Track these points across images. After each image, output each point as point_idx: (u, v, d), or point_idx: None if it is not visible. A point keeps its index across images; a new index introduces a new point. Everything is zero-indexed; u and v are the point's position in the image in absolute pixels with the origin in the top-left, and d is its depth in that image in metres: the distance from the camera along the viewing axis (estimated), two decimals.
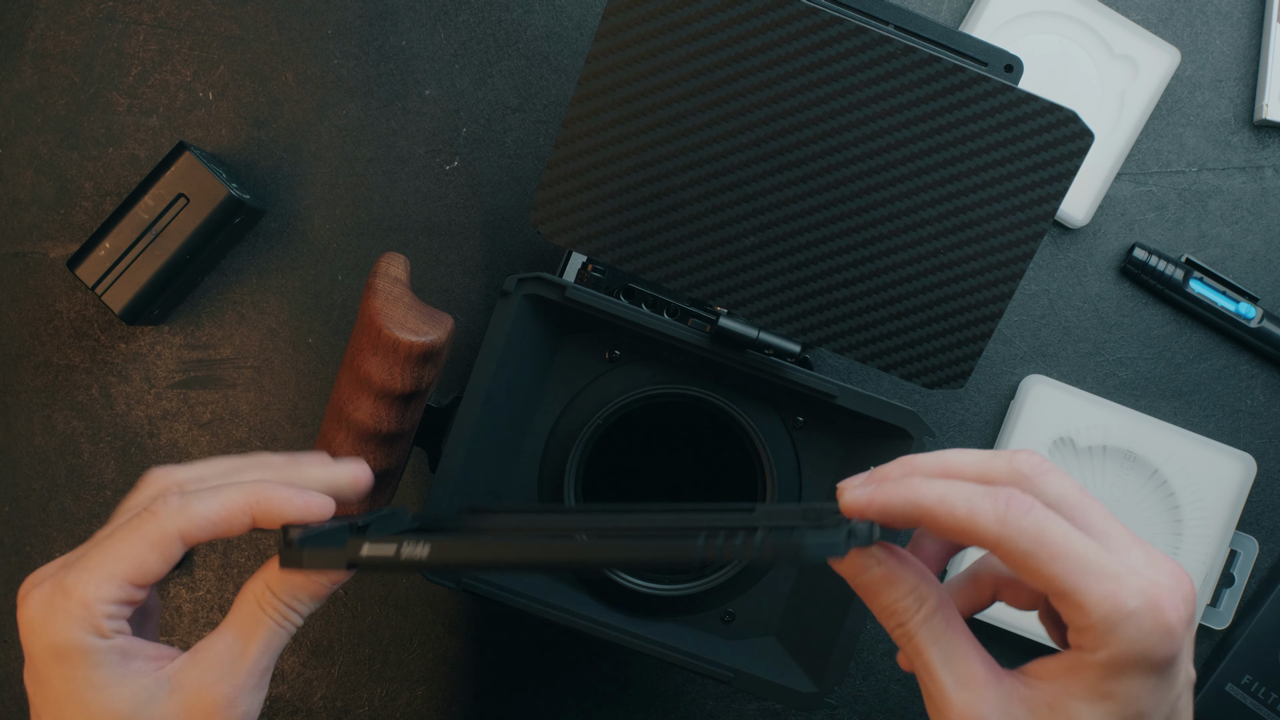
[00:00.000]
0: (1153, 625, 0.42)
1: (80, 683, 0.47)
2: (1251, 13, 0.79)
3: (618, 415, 0.60)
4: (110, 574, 0.47)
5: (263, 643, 0.48)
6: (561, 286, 0.58)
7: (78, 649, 0.47)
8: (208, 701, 0.47)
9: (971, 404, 0.78)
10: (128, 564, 0.47)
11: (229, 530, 0.48)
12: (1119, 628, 0.42)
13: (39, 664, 0.47)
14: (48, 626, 0.47)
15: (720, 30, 0.56)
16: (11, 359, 0.76)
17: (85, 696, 0.47)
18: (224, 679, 0.48)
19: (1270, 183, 0.79)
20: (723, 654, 0.59)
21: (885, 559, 0.46)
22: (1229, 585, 0.77)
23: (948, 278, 0.58)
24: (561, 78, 0.77)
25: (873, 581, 0.46)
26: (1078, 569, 0.42)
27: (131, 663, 0.47)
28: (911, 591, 0.45)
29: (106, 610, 0.47)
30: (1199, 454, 0.76)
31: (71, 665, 0.47)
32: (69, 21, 0.76)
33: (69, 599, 0.47)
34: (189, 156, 0.71)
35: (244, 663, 0.48)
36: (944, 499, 0.44)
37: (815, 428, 0.61)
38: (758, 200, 0.58)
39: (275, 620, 0.48)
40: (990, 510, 0.43)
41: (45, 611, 0.47)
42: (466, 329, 0.77)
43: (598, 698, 0.77)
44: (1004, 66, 0.60)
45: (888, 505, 0.45)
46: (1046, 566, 0.42)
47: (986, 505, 0.43)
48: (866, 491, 0.45)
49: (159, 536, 0.47)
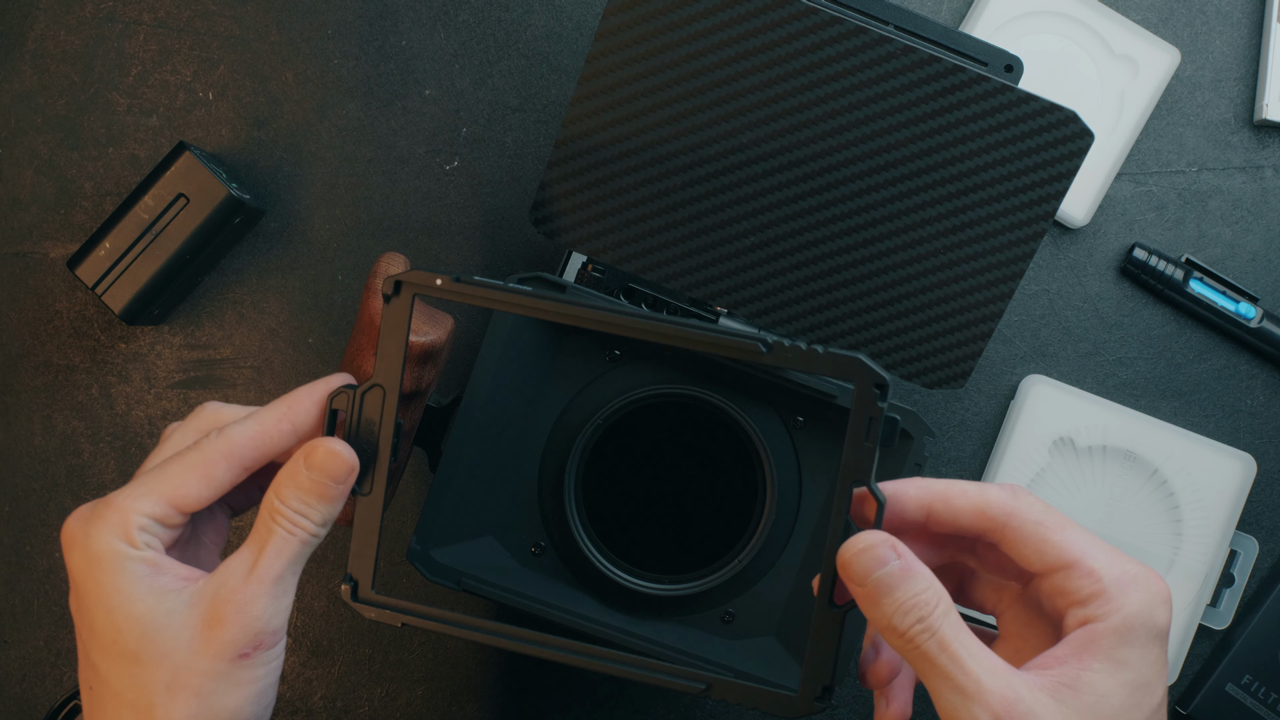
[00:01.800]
0: (1156, 590, 0.45)
1: (108, 589, 0.48)
2: (1251, 13, 0.79)
3: (618, 415, 0.60)
4: (149, 490, 0.49)
5: (273, 550, 0.49)
6: (561, 286, 0.58)
7: (109, 554, 0.48)
8: (221, 608, 0.48)
9: (971, 404, 0.78)
10: (168, 484, 0.49)
11: (270, 441, 0.50)
12: (1128, 590, 0.45)
13: (77, 575, 0.49)
14: (85, 534, 0.49)
15: (720, 30, 0.56)
16: (11, 359, 0.76)
17: (112, 603, 0.48)
18: (236, 589, 0.49)
19: (1270, 183, 0.79)
20: (722, 654, 0.59)
21: (903, 553, 0.46)
22: (1229, 585, 0.77)
23: (948, 278, 0.58)
24: (561, 78, 0.77)
25: (891, 575, 0.45)
26: (1084, 539, 0.46)
27: (160, 577, 0.49)
28: (930, 585, 0.46)
29: (140, 523, 0.49)
30: (1199, 454, 0.76)
31: (102, 571, 0.48)
32: (69, 21, 0.76)
33: (107, 508, 0.49)
34: (189, 156, 0.71)
35: (255, 572, 0.49)
36: (955, 483, 0.47)
37: (815, 428, 0.61)
38: (758, 200, 0.58)
39: (284, 528, 0.49)
40: (999, 490, 0.47)
41: (84, 521, 0.49)
42: (466, 329, 0.77)
43: (598, 698, 0.77)
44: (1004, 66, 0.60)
45: (900, 493, 0.47)
46: (1057, 534, 0.46)
47: (995, 489, 0.47)
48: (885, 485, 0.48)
49: (201, 459, 0.50)
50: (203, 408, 0.53)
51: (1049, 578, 0.47)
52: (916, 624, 0.45)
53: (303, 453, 0.50)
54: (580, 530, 0.60)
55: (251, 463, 0.51)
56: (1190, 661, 0.78)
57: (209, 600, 0.49)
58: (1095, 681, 0.44)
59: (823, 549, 0.61)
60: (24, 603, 0.76)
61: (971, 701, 0.44)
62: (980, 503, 0.47)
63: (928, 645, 0.45)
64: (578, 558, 0.61)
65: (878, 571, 0.46)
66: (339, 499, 0.51)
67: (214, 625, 0.48)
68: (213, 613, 0.48)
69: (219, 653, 0.48)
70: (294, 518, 0.50)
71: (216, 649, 0.48)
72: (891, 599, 0.45)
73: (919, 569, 0.46)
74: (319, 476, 0.50)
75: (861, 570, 0.46)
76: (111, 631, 0.48)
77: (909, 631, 0.45)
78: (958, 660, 0.45)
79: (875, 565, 0.46)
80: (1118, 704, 0.44)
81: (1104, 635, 0.45)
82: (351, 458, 0.50)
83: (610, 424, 0.60)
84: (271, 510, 0.50)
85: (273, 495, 0.50)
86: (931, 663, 0.45)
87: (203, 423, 0.52)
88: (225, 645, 0.48)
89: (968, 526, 0.48)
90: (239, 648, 0.48)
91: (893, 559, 0.46)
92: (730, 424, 0.60)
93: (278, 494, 0.50)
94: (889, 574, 0.46)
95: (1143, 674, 0.45)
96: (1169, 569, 0.76)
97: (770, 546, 0.61)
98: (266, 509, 0.50)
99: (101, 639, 0.48)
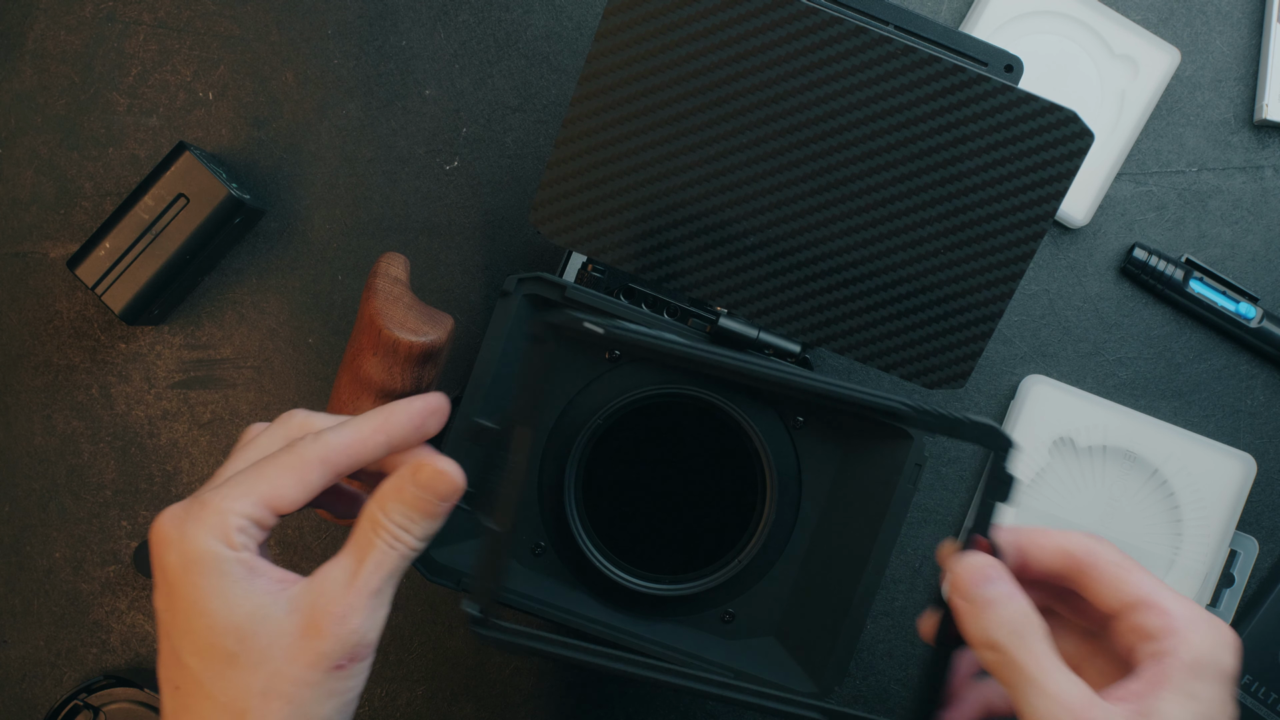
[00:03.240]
0: (1225, 634, 0.49)
1: (206, 590, 0.48)
2: (1251, 13, 0.79)
3: (618, 415, 0.60)
4: (246, 491, 0.49)
5: (373, 563, 0.49)
6: (561, 286, 0.58)
7: (207, 555, 0.48)
8: (320, 618, 0.48)
9: (971, 404, 0.78)
10: (264, 484, 0.49)
11: (365, 450, 0.50)
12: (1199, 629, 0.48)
13: (171, 574, 0.49)
14: (181, 534, 0.48)
15: (720, 30, 0.56)
16: (11, 359, 0.76)
17: (210, 605, 0.48)
18: (336, 598, 0.49)
19: (1270, 183, 0.79)
20: (722, 654, 0.59)
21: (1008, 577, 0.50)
22: (1229, 585, 0.77)
23: (948, 278, 0.58)
24: (561, 78, 0.77)
25: (995, 591, 0.49)
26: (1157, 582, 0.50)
27: (256, 579, 0.48)
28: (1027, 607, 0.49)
29: (238, 523, 0.48)
30: (1199, 454, 0.76)
31: (199, 572, 0.48)
32: (69, 21, 0.76)
33: (204, 508, 0.49)
34: (189, 156, 0.71)
35: (355, 582, 0.49)
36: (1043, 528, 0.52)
37: (815, 428, 0.61)
38: (757, 200, 0.58)
39: (385, 541, 0.50)
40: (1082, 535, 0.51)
41: (179, 521, 0.49)
42: (466, 329, 0.77)
43: (598, 698, 0.77)
44: (1004, 66, 0.60)
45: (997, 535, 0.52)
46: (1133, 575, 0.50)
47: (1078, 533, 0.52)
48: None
49: (298, 462, 0.49)
50: (291, 414, 0.53)
51: (1123, 617, 0.50)
52: (1013, 636, 0.48)
53: (410, 469, 0.50)
54: (580, 530, 0.60)
55: (344, 469, 0.51)
56: None
57: (307, 608, 0.48)
58: (1168, 712, 0.47)
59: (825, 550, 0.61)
60: (24, 603, 0.76)
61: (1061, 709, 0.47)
62: (1065, 543, 0.51)
63: (1023, 659, 0.48)
64: (578, 558, 0.61)
65: (985, 588, 0.49)
66: (442, 516, 0.51)
67: (312, 635, 0.48)
68: (311, 622, 0.48)
69: (315, 663, 0.48)
70: (396, 532, 0.50)
71: (313, 658, 0.48)
72: (993, 613, 0.49)
73: (1019, 592, 0.49)
74: (426, 494, 0.50)
75: (969, 585, 0.50)
76: (208, 633, 0.48)
77: (1005, 643, 0.48)
78: (1049, 673, 0.48)
79: (982, 582, 0.49)
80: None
81: (1176, 670, 0.47)
82: (460, 477, 0.51)
83: (610, 424, 0.60)
84: (374, 523, 0.50)
85: (376, 508, 0.50)
86: (1024, 675, 0.48)
87: (291, 429, 0.52)
88: (322, 656, 0.48)
89: (1053, 566, 0.51)
90: (335, 659, 0.48)
91: (998, 579, 0.49)
92: (730, 424, 0.60)
93: (381, 507, 0.50)
94: (993, 590, 0.49)
95: (1211, 711, 0.47)
96: (1169, 569, 0.76)
97: (770, 546, 0.61)
98: (368, 521, 0.50)
99: (197, 640, 0.48)
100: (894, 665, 0.78)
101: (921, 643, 0.78)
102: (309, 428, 0.52)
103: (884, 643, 0.78)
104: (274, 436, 0.52)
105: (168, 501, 0.76)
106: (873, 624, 0.78)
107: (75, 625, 0.76)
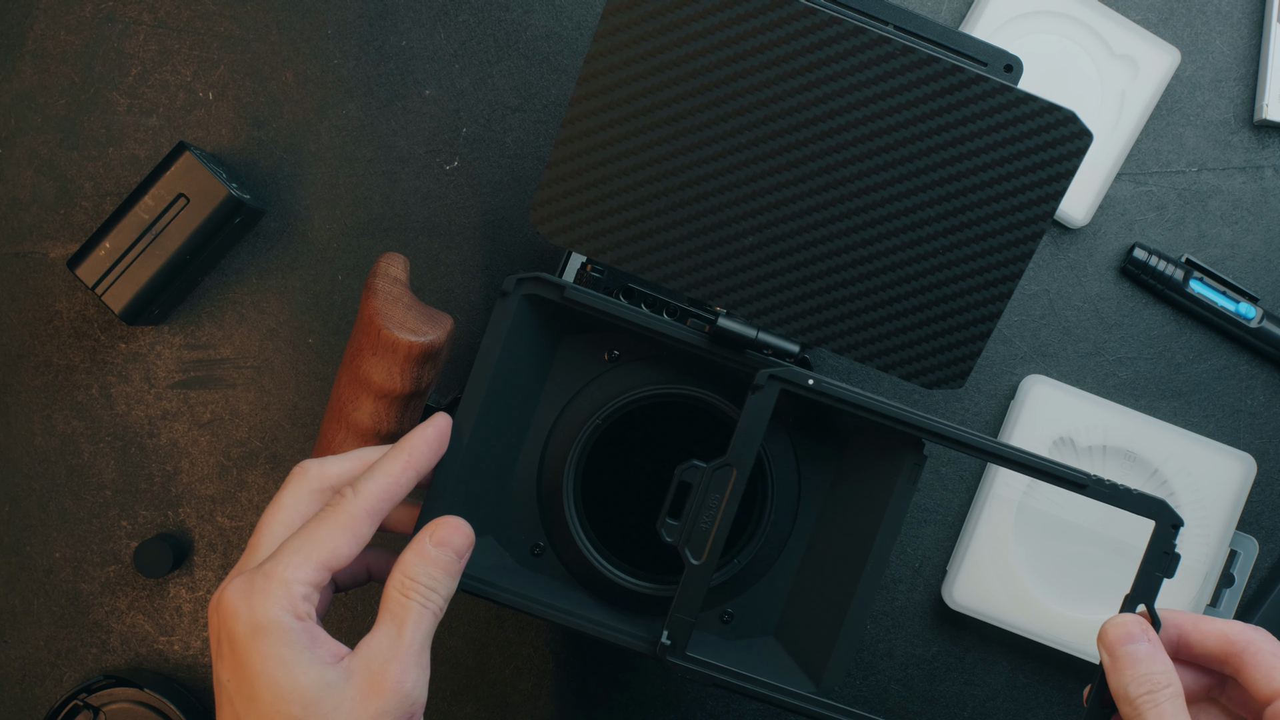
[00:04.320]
0: None
1: (275, 660, 0.50)
2: (1251, 13, 0.79)
3: (617, 415, 0.60)
4: (305, 558, 0.52)
5: (413, 625, 0.53)
6: (561, 286, 0.58)
7: (277, 626, 0.51)
8: (379, 683, 0.51)
9: (971, 404, 0.78)
10: (321, 549, 0.52)
11: (400, 490, 0.54)
12: None
13: (239, 644, 0.51)
14: (250, 606, 0.51)
15: (719, 30, 0.56)
16: (11, 359, 0.76)
17: (278, 675, 0.50)
18: (388, 663, 0.52)
19: (1270, 183, 0.79)
20: (721, 654, 0.59)
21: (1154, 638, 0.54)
22: (1229, 585, 0.77)
23: (947, 277, 0.58)
24: (561, 78, 0.77)
25: (1138, 650, 0.54)
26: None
27: (318, 648, 0.51)
28: (1168, 669, 0.53)
29: (303, 591, 0.51)
30: (1199, 454, 0.76)
31: (269, 643, 0.50)
32: (69, 21, 0.76)
33: (269, 580, 0.51)
34: (189, 156, 0.71)
35: (400, 646, 0.52)
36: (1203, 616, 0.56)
37: (814, 428, 0.61)
38: (756, 200, 0.58)
39: (419, 603, 0.53)
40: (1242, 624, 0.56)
41: (246, 594, 0.51)
42: (466, 329, 0.77)
43: (597, 698, 0.77)
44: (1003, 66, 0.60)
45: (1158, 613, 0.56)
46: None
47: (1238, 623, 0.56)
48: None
49: (347, 520, 0.53)
50: (303, 468, 0.56)
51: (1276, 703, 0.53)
52: (1147, 694, 0.52)
53: (427, 531, 0.55)
54: (579, 530, 0.60)
55: (384, 514, 0.54)
56: None
57: (363, 673, 0.51)
58: None
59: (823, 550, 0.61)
60: (24, 603, 0.76)
61: None
62: (1225, 629, 0.55)
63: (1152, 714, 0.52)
64: (577, 558, 0.61)
65: (1128, 645, 0.54)
66: (459, 573, 0.55)
67: (372, 697, 0.51)
68: (370, 685, 0.51)
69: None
70: (426, 593, 0.53)
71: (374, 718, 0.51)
72: (1133, 670, 0.53)
73: (1162, 654, 0.54)
74: (446, 553, 0.54)
75: (1115, 641, 0.54)
76: (275, 700, 0.50)
77: (1139, 699, 0.52)
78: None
79: (1127, 640, 0.54)
80: None
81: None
82: (469, 533, 0.55)
83: (609, 424, 0.60)
84: (404, 588, 0.53)
85: (402, 575, 0.54)
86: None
87: (311, 482, 0.55)
88: (383, 715, 0.51)
89: (1212, 650, 0.55)
90: (395, 718, 0.52)
91: (1144, 639, 0.54)
92: (729, 424, 0.60)
93: (407, 573, 0.54)
94: (1137, 649, 0.54)
95: None
96: None
97: (769, 547, 0.61)
98: (397, 589, 0.53)
99: (263, 707, 0.50)
100: (894, 665, 0.78)
101: (922, 644, 0.78)
102: (328, 477, 0.55)
103: (884, 642, 0.78)
104: (299, 496, 0.55)
105: (168, 501, 0.76)
106: (873, 624, 0.78)
107: (75, 625, 0.76)
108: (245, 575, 0.52)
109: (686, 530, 0.57)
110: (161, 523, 0.77)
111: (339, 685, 0.51)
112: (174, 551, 0.75)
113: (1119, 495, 0.57)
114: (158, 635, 0.76)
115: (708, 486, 0.57)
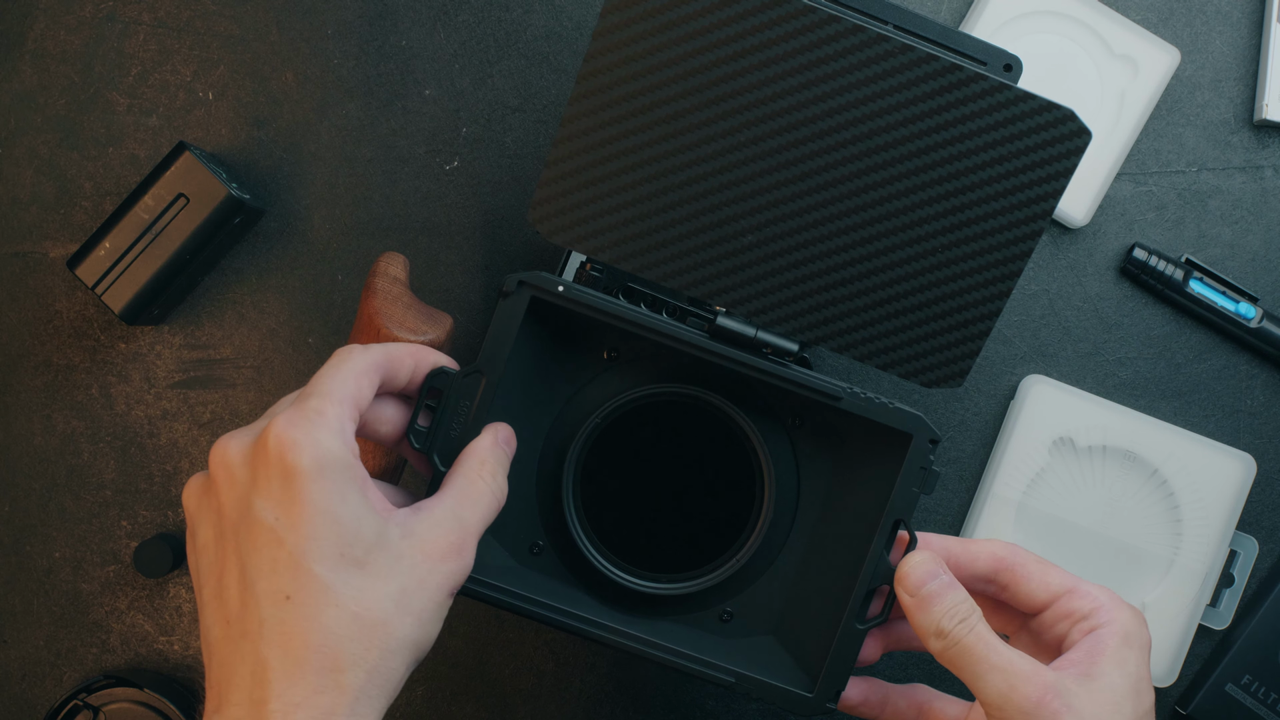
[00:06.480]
0: (1139, 614, 0.56)
1: (334, 495, 0.49)
2: (1251, 13, 0.79)
3: (616, 415, 0.60)
4: (340, 396, 0.51)
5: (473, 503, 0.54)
6: (560, 286, 0.58)
7: (337, 460, 0.49)
8: (440, 546, 0.51)
9: (971, 404, 0.78)
10: (347, 388, 0.52)
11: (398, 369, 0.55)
12: (1121, 607, 0.55)
13: (300, 478, 0.49)
14: (311, 439, 0.49)
15: (718, 29, 0.56)
16: (11, 359, 0.76)
17: (338, 510, 0.49)
18: (451, 530, 0.52)
19: (1270, 183, 0.79)
20: (721, 654, 0.59)
21: (947, 570, 0.56)
22: (1229, 585, 0.77)
23: (945, 276, 0.58)
24: (561, 78, 0.77)
25: (940, 585, 0.55)
26: (1075, 576, 0.57)
27: (369, 492, 0.50)
28: (968, 597, 0.55)
29: (350, 426, 0.51)
30: (1199, 454, 0.76)
31: (328, 477, 0.49)
32: (69, 21, 0.76)
33: (322, 415, 0.50)
34: (189, 156, 0.71)
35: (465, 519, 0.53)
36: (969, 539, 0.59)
37: (813, 427, 0.61)
38: (755, 199, 0.58)
39: (486, 482, 0.54)
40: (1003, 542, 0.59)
41: (302, 427, 0.49)
42: (466, 329, 0.77)
43: (598, 698, 0.77)
44: (1003, 66, 0.60)
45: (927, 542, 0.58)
46: (1055, 571, 0.57)
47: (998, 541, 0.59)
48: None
49: (364, 365, 0.53)
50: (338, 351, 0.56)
51: (1050, 607, 0.56)
52: (960, 624, 0.54)
53: (494, 427, 0.57)
54: (578, 530, 0.60)
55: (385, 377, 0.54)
56: (1190, 661, 0.78)
57: (426, 538, 0.51)
58: (1108, 672, 0.53)
59: (822, 549, 0.61)
60: (24, 603, 0.76)
61: (1020, 681, 0.52)
62: (994, 549, 0.58)
63: (971, 641, 0.53)
64: (576, 557, 0.61)
65: (930, 583, 0.55)
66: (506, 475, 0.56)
67: (441, 559, 0.51)
68: (433, 548, 0.51)
69: (441, 584, 0.51)
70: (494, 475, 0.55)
71: (440, 580, 0.51)
72: (941, 605, 0.55)
73: (958, 584, 0.56)
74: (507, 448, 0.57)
75: (916, 582, 0.55)
76: (338, 539, 0.49)
77: (954, 632, 0.54)
78: (999, 652, 0.53)
79: (928, 578, 0.55)
80: (1126, 691, 0.53)
81: (1109, 639, 0.54)
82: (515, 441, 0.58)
83: (608, 423, 0.60)
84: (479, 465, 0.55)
85: (476, 458, 0.55)
86: (975, 655, 0.53)
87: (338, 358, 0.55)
88: (446, 577, 0.51)
89: (983, 570, 0.58)
90: (456, 582, 0.52)
91: (941, 574, 0.56)
92: (728, 424, 0.60)
93: (480, 457, 0.55)
94: (939, 585, 0.55)
95: (1140, 673, 0.54)
96: (1169, 569, 0.76)
97: (768, 546, 0.61)
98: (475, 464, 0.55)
99: (324, 545, 0.49)
100: (893, 665, 0.78)
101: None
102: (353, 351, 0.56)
103: None
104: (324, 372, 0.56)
105: (168, 501, 0.76)
106: None
107: (75, 625, 0.76)
108: (293, 407, 0.50)
109: (436, 436, 0.57)
110: (161, 523, 0.77)
111: (394, 537, 0.50)
112: (174, 551, 0.75)
113: (874, 408, 0.57)
114: (158, 635, 0.76)
115: (458, 393, 0.56)
